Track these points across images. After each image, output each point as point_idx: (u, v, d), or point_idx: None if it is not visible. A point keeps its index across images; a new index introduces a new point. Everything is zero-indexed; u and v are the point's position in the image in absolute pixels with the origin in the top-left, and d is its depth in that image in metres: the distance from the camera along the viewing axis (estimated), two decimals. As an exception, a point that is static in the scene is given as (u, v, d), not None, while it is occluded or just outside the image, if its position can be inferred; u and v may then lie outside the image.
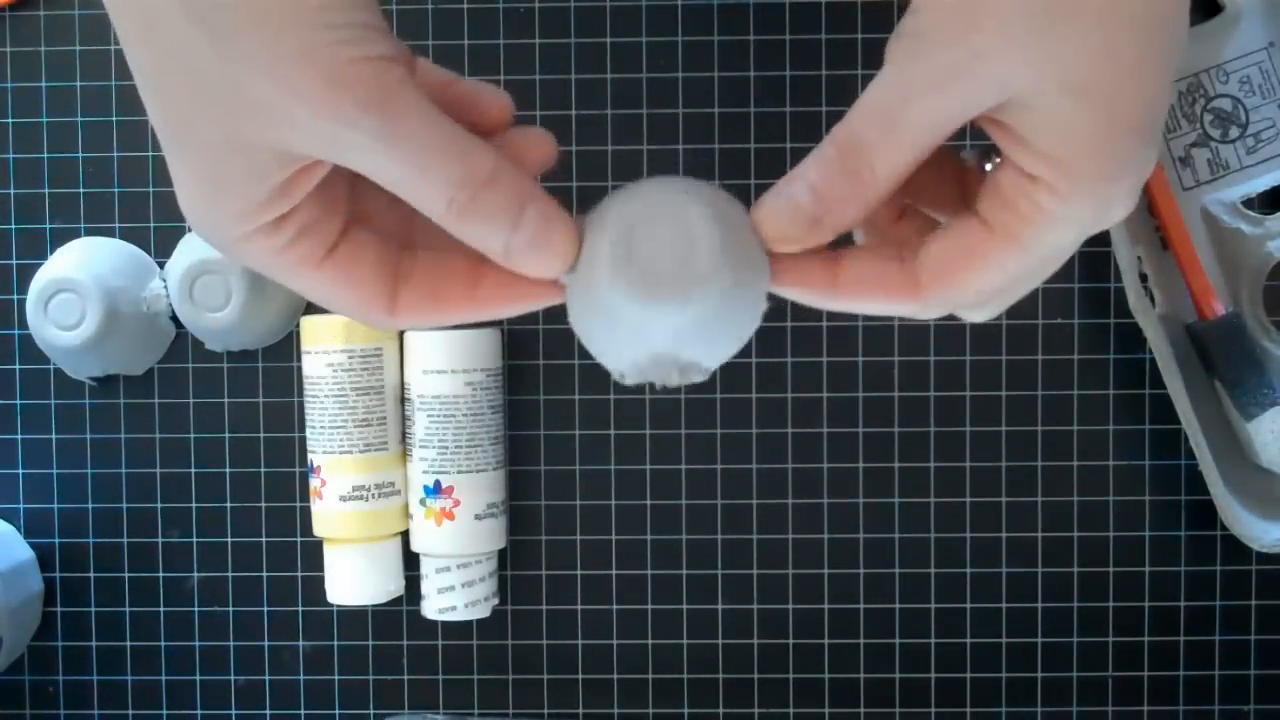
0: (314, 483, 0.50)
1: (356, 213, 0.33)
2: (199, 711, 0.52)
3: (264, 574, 0.52)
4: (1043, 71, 0.29)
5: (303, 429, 0.52)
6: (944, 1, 0.29)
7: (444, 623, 0.52)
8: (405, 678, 0.52)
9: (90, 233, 0.52)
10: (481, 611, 0.50)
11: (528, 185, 0.31)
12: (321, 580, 0.51)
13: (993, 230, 0.31)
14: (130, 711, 0.52)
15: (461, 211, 0.30)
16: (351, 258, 0.32)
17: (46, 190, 0.52)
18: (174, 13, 0.28)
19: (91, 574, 0.52)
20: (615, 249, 0.31)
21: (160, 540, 0.52)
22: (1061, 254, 0.32)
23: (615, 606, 0.52)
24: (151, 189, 0.52)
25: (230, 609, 0.52)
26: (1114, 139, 0.30)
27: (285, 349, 0.52)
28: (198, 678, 0.52)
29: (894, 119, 0.30)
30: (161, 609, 0.52)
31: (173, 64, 0.29)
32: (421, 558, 0.50)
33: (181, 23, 0.28)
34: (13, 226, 0.52)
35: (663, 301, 0.30)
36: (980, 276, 0.32)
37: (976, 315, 0.35)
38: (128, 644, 0.52)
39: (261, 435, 0.52)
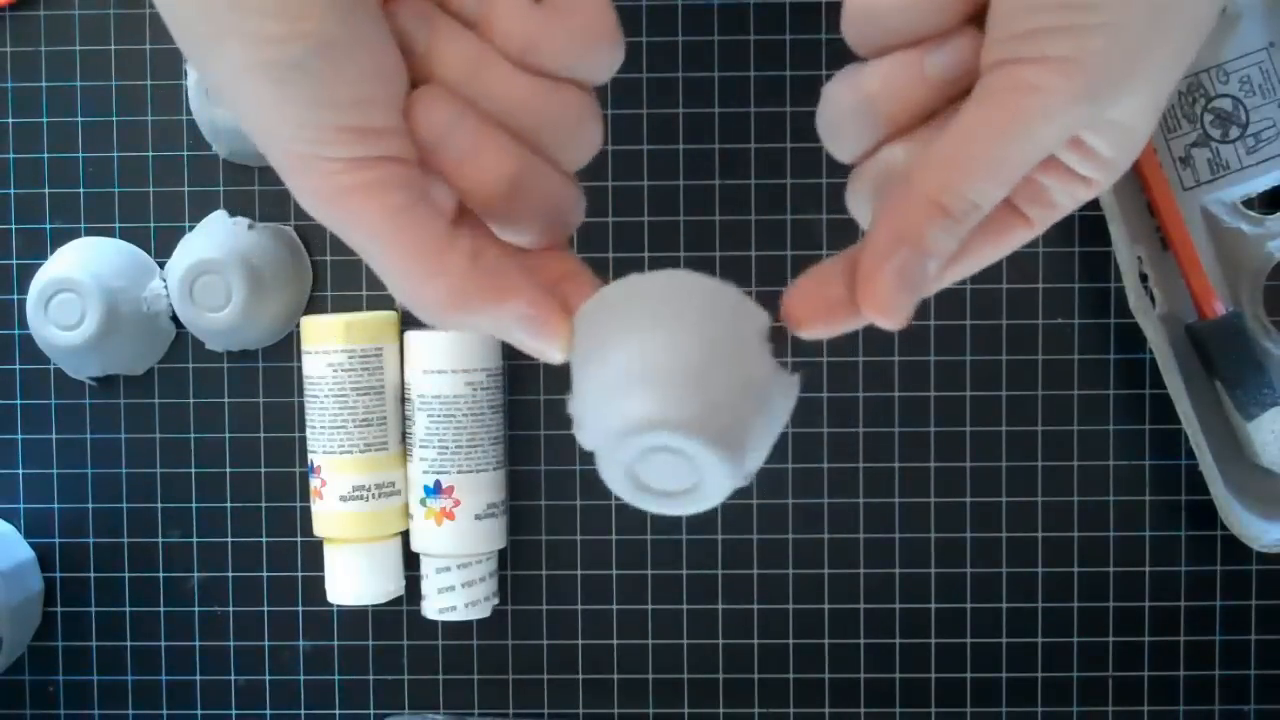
0: (314, 483, 0.50)
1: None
2: (199, 711, 0.52)
3: (264, 574, 0.52)
4: (1150, 102, 0.29)
5: (303, 429, 0.52)
6: (1084, 40, 0.27)
7: (444, 623, 0.52)
8: (405, 678, 0.52)
9: (90, 233, 0.52)
10: (481, 611, 0.50)
11: (499, 302, 0.30)
12: (321, 580, 0.51)
13: (1033, 224, 0.31)
14: (130, 711, 0.52)
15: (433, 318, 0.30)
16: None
17: (46, 190, 0.52)
18: None
19: (91, 574, 0.52)
20: (619, 475, 0.30)
21: (160, 540, 0.52)
22: None
23: (615, 606, 0.52)
24: (151, 189, 0.52)
25: (230, 609, 0.52)
26: (1154, 126, 0.30)
27: (285, 349, 0.52)
28: (198, 678, 0.52)
29: (1003, 157, 0.28)
30: (161, 609, 0.52)
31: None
32: (421, 558, 0.50)
33: None
34: (13, 226, 0.52)
35: (679, 509, 0.30)
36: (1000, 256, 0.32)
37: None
38: (128, 644, 0.52)
39: (261, 435, 0.52)
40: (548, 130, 0.31)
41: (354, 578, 0.50)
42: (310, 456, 0.50)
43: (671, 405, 0.28)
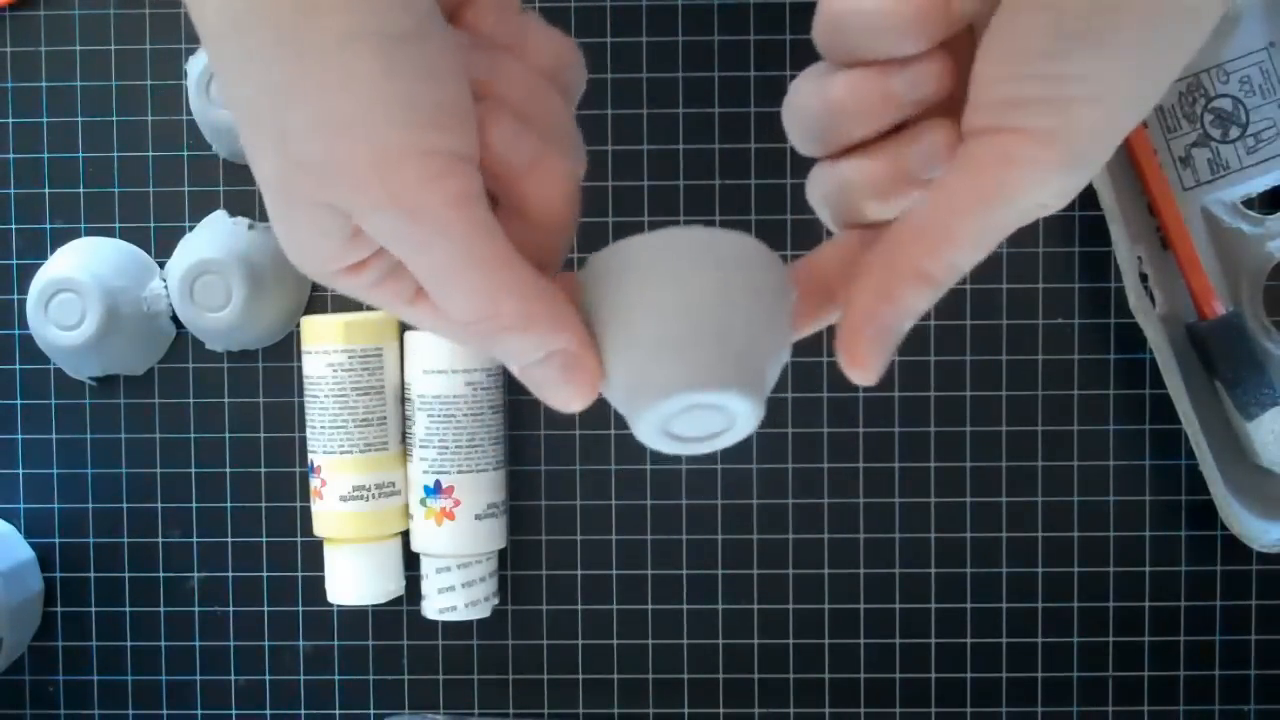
0: (314, 483, 0.50)
1: None
2: (199, 711, 0.52)
3: (264, 574, 0.52)
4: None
5: (303, 429, 0.52)
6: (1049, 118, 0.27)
7: (444, 623, 0.52)
8: (405, 678, 0.52)
9: (90, 233, 0.52)
10: (481, 611, 0.50)
11: (556, 330, 0.29)
12: (321, 580, 0.51)
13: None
14: (130, 711, 0.52)
15: (479, 338, 0.29)
16: None
17: (46, 190, 0.52)
18: (230, 36, 0.26)
19: (91, 574, 0.52)
20: (653, 432, 0.30)
21: (160, 540, 0.52)
22: None
23: (615, 606, 0.52)
24: (151, 189, 0.52)
25: (230, 609, 0.52)
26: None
27: (285, 349, 0.52)
28: (198, 678, 0.52)
29: (989, 226, 0.28)
30: (161, 609, 0.52)
31: (235, 76, 0.28)
32: (421, 558, 0.50)
33: (236, 40, 0.26)
34: (13, 226, 0.52)
35: (711, 448, 0.31)
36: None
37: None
38: (128, 644, 0.52)
39: (261, 435, 0.52)
40: (572, 146, 0.31)
41: (354, 578, 0.50)
42: (310, 456, 0.50)
43: (703, 367, 0.28)
